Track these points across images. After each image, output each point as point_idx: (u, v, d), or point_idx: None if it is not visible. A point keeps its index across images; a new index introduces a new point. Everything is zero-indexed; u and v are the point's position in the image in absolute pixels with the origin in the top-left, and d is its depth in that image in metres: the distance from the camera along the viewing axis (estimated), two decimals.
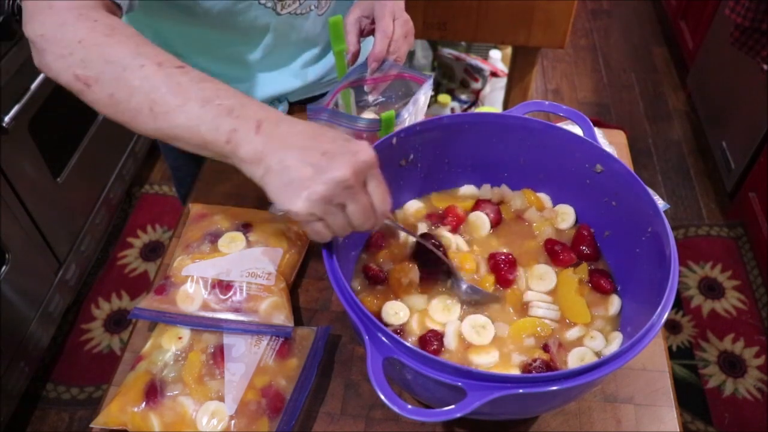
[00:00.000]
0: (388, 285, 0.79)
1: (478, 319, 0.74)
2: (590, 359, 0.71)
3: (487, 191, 0.88)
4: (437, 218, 0.86)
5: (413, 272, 0.78)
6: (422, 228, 0.84)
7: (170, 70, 0.63)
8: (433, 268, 0.78)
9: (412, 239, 0.82)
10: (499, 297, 0.78)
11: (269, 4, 0.91)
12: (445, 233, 0.83)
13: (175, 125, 0.62)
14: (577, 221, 0.86)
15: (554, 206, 0.87)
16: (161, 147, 1.27)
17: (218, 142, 0.61)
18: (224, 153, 0.61)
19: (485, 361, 0.71)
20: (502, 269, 0.79)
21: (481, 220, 0.84)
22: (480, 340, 0.73)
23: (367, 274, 0.79)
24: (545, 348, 0.72)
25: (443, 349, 0.73)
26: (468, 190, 0.89)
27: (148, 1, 0.86)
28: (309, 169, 0.57)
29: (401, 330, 0.74)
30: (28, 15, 0.69)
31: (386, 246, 0.82)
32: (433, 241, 0.78)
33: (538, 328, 0.74)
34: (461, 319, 0.75)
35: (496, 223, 0.85)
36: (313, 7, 0.97)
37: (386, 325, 0.74)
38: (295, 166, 0.57)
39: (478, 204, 0.86)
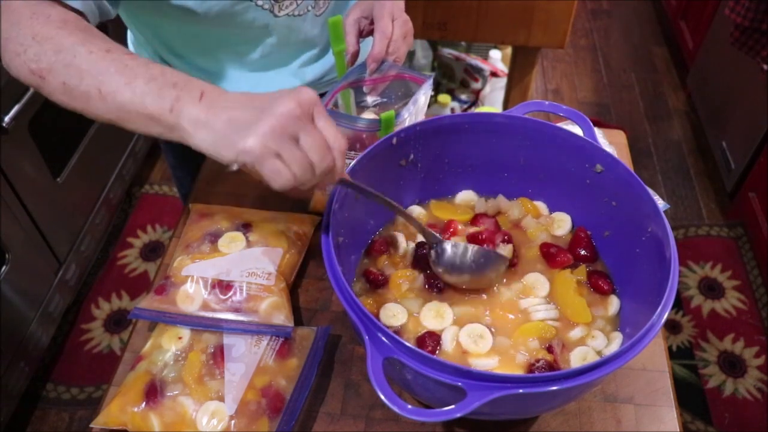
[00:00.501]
0: (387, 288, 0.79)
1: (476, 328, 0.74)
2: (592, 358, 0.71)
3: (483, 205, 0.88)
4: (437, 230, 0.86)
5: (418, 280, 0.78)
6: (420, 237, 0.83)
7: (118, 55, 0.66)
8: (433, 273, 0.78)
9: (412, 247, 0.81)
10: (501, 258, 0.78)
11: (266, 6, 0.91)
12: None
13: (122, 102, 0.64)
14: (573, 228, 0.86)
15: (551, 213, 0.87)
16: (162, 146, 1.27)
17: (163, 112, 0.62)
18: (169, 123, 0.63)
19: (484, 364, 0.71)
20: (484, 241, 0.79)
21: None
22: (477, 350, 0.73)
23: (367, 277, 0.79)
24: (549, 349, 0.72)
25: (440, 350, 0.73)
26: (466, 196, 0.89)
27: (149, 2, 0.86)
28: (254, 111, 0.58)
29: (398, 332, 0.74)
30: None
31: (387, 252, 0.82)
32: (426, 248, 0.79)
33: (543, 331, 0.74)
34: (456, 324, 0.75)
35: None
36: (310, 8, 0.97)
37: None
38: (240, 115, 0.59)
39: (477, 218, 0.86)
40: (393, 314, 0.75)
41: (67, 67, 0.67)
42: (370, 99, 0.96)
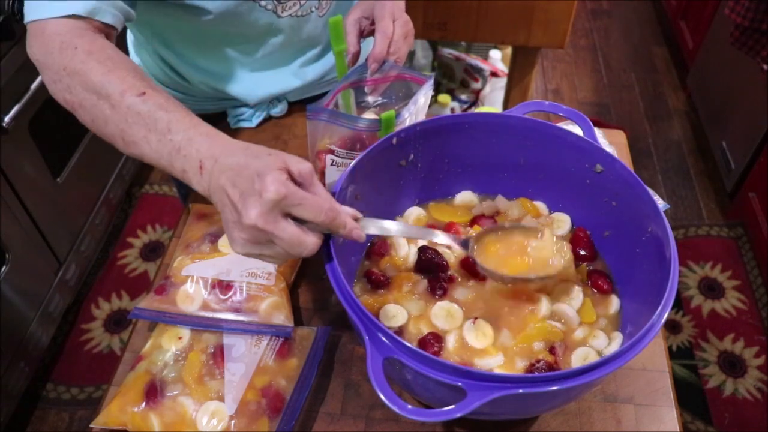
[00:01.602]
0: (388, 289, 0.78)
1: (479, 324, 0.74)
2: (593, 358, 0.71)
3: (482, 207, 0.87)
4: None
5: (421, 284, 0.78)
6: (422, 240, 0.83)
7: (132, 100, 0.66)
8: (436, 278, 0.78)
9: (414, 251, 0.81)
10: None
11: (270, 6, 0.91)
12: (444, 249, 0.83)
13: (142, 154, 0.67)
14: (573, 228, 0.86)
15: (551, 213, 0.87)
16: None
17: (177, 175, 0.65)
18: (187, 182, 0.65)
19: (489, 363, 0.71)
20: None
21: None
22: (479, 344, 0.73)
23: (369, 278, 0.79)
24: (552, 350, 0.72)
25: (443, 351, 0.73)
26: (465, 197, 0.89)
27: (151, 2, 0.86)
28: (234, 215, 0.59)
29: (398, 333, 0.74)
30: (29, 38, 0.74)
31: (387, 254, 0.82)
32: (429, 253, 0.79)
33: (549, 334, 0.74)
34: (462, 326, 0.75)
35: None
36: (313, 9, 0.97)
37: None
38: (226, 208, 0.60)
39: (476, 219, 0.86)
40: (392, 315, 0.75)
41: (93, 107, 0.69)
42: (370, 99, 0.96)
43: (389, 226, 0.68)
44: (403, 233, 0.71)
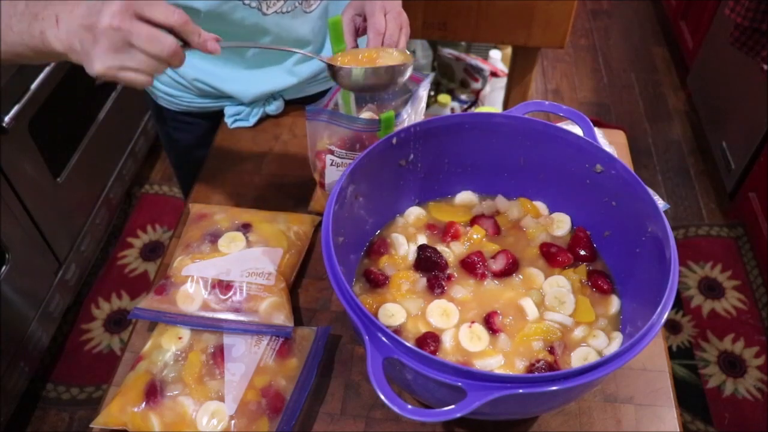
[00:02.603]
0: (387, 288, 0.79)
1: (476, 328, 0.74)
2: (593, 358, 0.71)
3: (481, 207, 0.88)
4: (437, 231, 0.86)
5: (419, 283, 0.78)
6: (421, 239, 0.84)
7: None
8: (435, 277, 0.78)
9: (414, 250, 0.81)
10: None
11: (254, 5, 0.92)
12: (443, 248, 0.83)
13: (9, 45, 0.67)
14: (572, 228, 0.86)
15: (550, 214, 0.87)
16: (164, 146, 1.27)
17: (39, 45, 0.65)
18: (50, 54, 0.66)
19: (490, 363, 0.72)
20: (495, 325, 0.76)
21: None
22: (474, 348, 0.73)
23: (368, 277, 0.79)
24: (551, 350, 0.72)
25: (440, 351, 0.73)
26: (465, 197, 0.89)
27: None
28: (89, 34, 0.61)
29: (397, 332, 0.74)
30: None
31: (387, 253, 0.82)
32: (428, 252, 0.79)
33: (548, 333, 0.74)
34: (458, 325, 0.75)
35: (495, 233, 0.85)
36: (297, 5, 0.97)
37: None
38: (83, 38, 0.62)
39: (476, 219, 0.86)
40: (391, 314, 0.75)
41: None
42: (368, 97, 0.95)
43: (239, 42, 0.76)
44: (249, 44, 0.77)
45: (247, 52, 1.00)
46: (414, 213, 0.88)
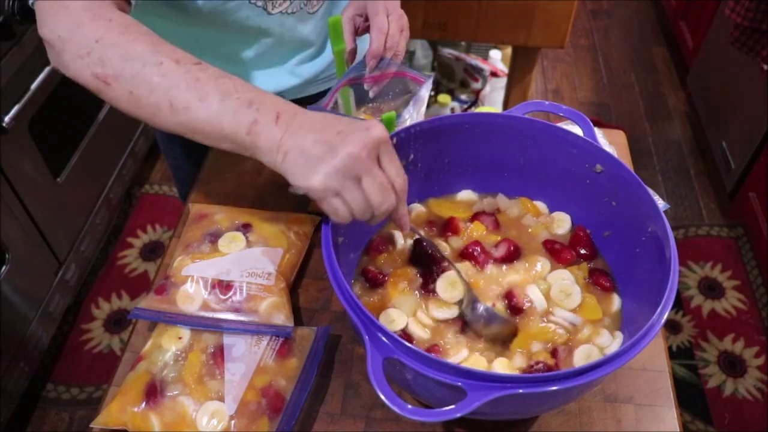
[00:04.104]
0: (386, 288, 0.79)
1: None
2: (596, 356, 0.71)
3: (482, 204, 0.88)
4: (438, 226, 0.86)
5: (416, 281, 0.78)
6: (417, 236, 0.84)
7: (189, 67, 0.66)
8: (431, 271, 0.78)
9: (410, 244, 0.82)
10: (515, 323, 0.75)
11: (259, 4, 0.91)
12: (440, 241, 0.83)
13: (195, 119, 0.65)
14: (573, 228, 0.86)
15: (551, 213, 0.87)
16: (162, 146, 1.27)
17: (239, 133, 0.63)
18: (245, 144, 0.64)
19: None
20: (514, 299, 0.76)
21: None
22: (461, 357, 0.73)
23: (366, 276, 0.79)
24: (554, 353, 0.72)
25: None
26: (466, 195, 0.89)
27: (147, 2, 0.86)
28: (324, 147, 0.60)
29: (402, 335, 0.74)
30: (45, 16, 0.70)
31: (386, 250, 0.82)
32: (425, 244, 0.79)
33: (554, 335, 0.74)
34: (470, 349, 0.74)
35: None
36: (302, 6, 0.97)
37: None
38: (311, 146, 0.60)
39: (476, 215, 0.86)
40: (391, 320, 0.75)
41: (135, 77, 0.66)
42: (371, 94, 0.96)
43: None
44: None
45: (250, 53, 1.00)
46: (415, 210, 0.88)
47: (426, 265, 0.79)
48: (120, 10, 0.72)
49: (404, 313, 0.76)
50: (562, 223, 0.85)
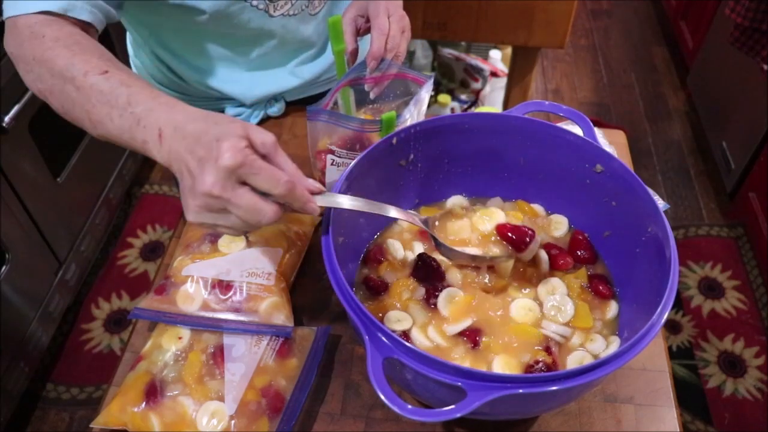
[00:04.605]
0: (388, 294, 0.78)
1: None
2: (588, 362, 0.71)
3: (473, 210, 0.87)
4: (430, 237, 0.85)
5: (418, 292, 0.78)
6: (418, 248, 0.83)
7: (95, 79, 0.66)
8: (434, 284, 0.78)
9: (411, 257, 0.81)
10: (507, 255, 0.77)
11: (261, 6, 0.92)
12: (442, 258, 0.82)
13: (108, 133, 0.67)
14: (570, 229, 0.86)
15: (548, 215, 0.87)
16: None
17: (140, 149, 0.64)
18: (150, 156, 0.64)
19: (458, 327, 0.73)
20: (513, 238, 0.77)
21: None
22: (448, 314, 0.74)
23: (368, 284, 0.79)
24: (547, 350, 0.72)
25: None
26: (456, 201, 0.89)
27: (146, 2, 0.86)
28: (188, 179, 0.59)
29: (404, 336, 0.74)
30: (6, 33, 0.75)
31: (385, 259, 0.82)
32: (428, 261, 0.78)
33: (540, 335, 0.74)
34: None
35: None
36: (304, 7, 0.97)
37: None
38: (183, 175, 0.59)
39: None
40: (397, 320, 0.75)
41: (60, 92, 0.69)
42: (372, 95, 0.96)
43: (342, 200, 0.68)
44: (357, 207, 0.69)
45: (251, 54, 1.00)
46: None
47: (429, 279, 0.79)
48: (71, 25, 0.73)
49: (412, 320, 0.75)
50: (559, 225, 0.85)
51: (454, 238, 0.79)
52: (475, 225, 0.80)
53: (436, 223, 0.79)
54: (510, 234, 0.77)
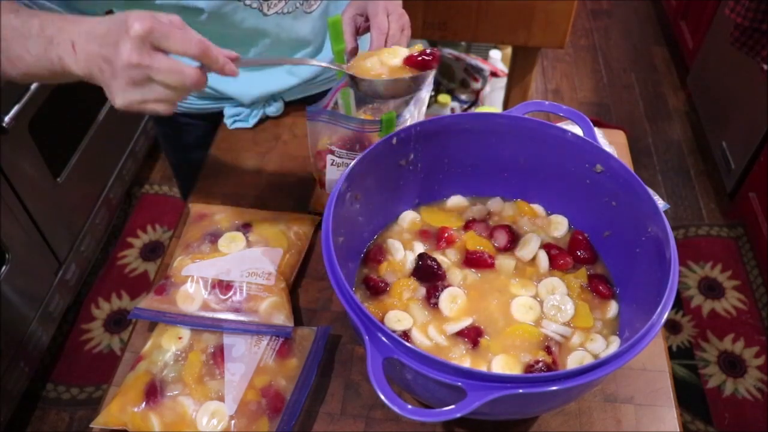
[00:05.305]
0: (389, 294, 0.78)
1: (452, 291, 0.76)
2: (589, 362, 0.71)
3: (472, 211, 0.87)
4: (431, 237, 0.85)
5: (419, 291, 0.78)
6: (418, 248, 0.83)
7: (6, 19, 0.67)
8: (434, 287, 0.78)
9: (411, 257, 0.81)
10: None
11: (255, 5, 0.92)
12: (442, 258, 0.82)
13: (28, 68, 0.67)
14: (570, 229, 0.86)
15: (548, 215, 0.87)
16: (162, 145, 1.27)
17: (58, 70, 0.64)
18: (71, 76, 0.65)
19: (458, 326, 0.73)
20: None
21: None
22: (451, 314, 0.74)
23: (368, 284, 0.79)
24: (547, 350, 0.72)
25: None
26: (456, 201, 0.89)
27: (147, 2, 0.86)
28: (107, 66, 0.60)
29: (404, 335, 0.74)
30: None
31: (385, 259, 0.82)
32: (428, 261, 0.78)
33: (539, 335, 0.74)
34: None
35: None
36: (298, 5, 0.97)
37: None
38: (99, 71, 0.61)
39: (469, 224, 0.86)
40: (397, 319, 0.75)
41: None
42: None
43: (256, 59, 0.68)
44: (267, 60, 0.69)
45: (247, 53, 1.00)
46: (408, 217, 0.87)
47: (429, 279, 0.79)
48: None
49: (412, 320, 0.75)
50: (559, 226, 0.85)
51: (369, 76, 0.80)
52: (384, 61, 0.82)
53: (351, 65, 0.82)
54: (418, 58, 0.79)
